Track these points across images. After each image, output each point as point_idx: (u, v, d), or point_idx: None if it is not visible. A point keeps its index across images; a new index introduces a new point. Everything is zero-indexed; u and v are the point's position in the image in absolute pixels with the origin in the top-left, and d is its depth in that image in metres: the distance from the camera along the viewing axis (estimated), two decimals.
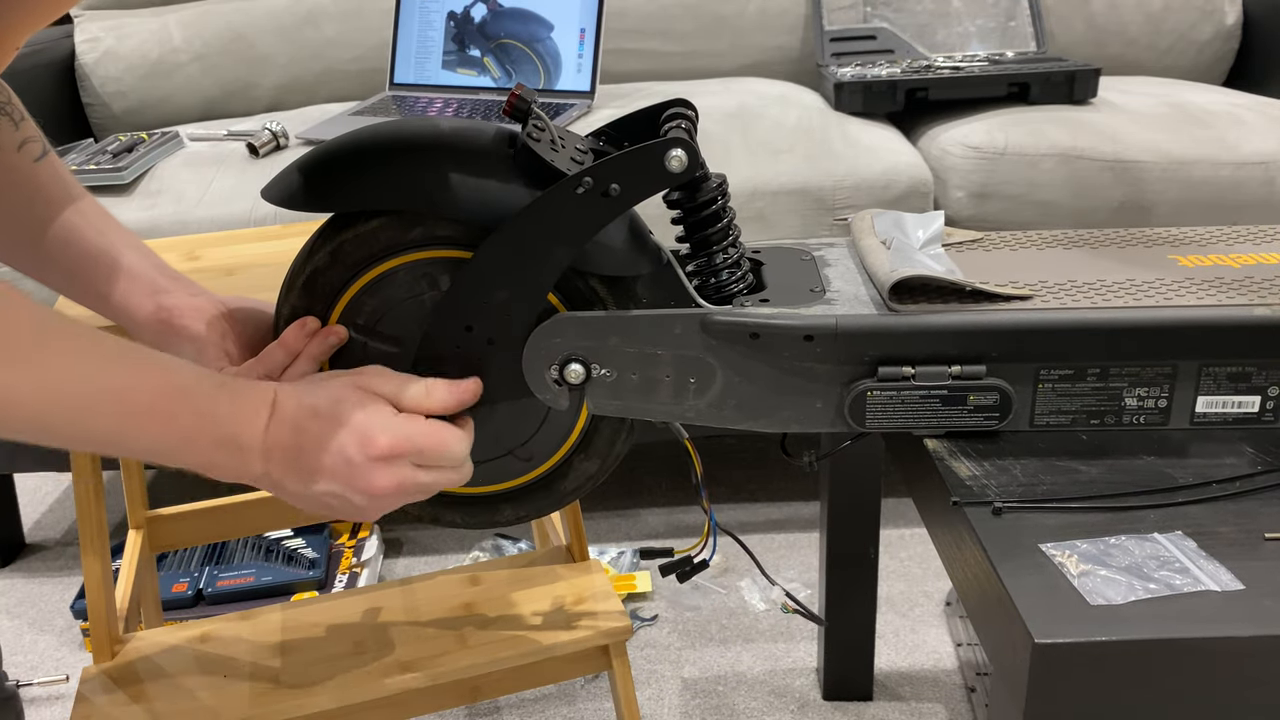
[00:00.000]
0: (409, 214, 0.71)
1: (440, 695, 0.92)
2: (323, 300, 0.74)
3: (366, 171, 0.70)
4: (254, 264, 1.04)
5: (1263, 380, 0.74)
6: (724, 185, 0.74)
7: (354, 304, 0.74)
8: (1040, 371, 0.74)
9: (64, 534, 1.72)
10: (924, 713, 1.26)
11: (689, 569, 0.84)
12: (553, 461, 0.80)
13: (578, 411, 0.78)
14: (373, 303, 0.74)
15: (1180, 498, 0.70)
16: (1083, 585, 0.62)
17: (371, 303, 0.74)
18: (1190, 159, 1.49)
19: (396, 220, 0.71)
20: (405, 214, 0.71)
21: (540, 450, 0.79)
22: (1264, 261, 0.81)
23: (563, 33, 1.76)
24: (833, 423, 0.75)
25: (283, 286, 0.75)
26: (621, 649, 0.95)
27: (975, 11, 1.87)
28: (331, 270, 0.73)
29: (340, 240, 0.72)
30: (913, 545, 1.57)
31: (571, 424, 0.78)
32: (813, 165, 1.48)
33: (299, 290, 0.74)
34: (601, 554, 1.56)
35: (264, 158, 1.55)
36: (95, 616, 0.91)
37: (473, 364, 0.73)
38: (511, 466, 0.79)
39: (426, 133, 0.71)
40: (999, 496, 0.71)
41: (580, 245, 0.69)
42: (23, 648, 1.44)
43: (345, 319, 0.75)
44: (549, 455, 0.79)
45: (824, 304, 0.75)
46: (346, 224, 0.72)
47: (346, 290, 0.74)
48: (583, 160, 0.73)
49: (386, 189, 0.70)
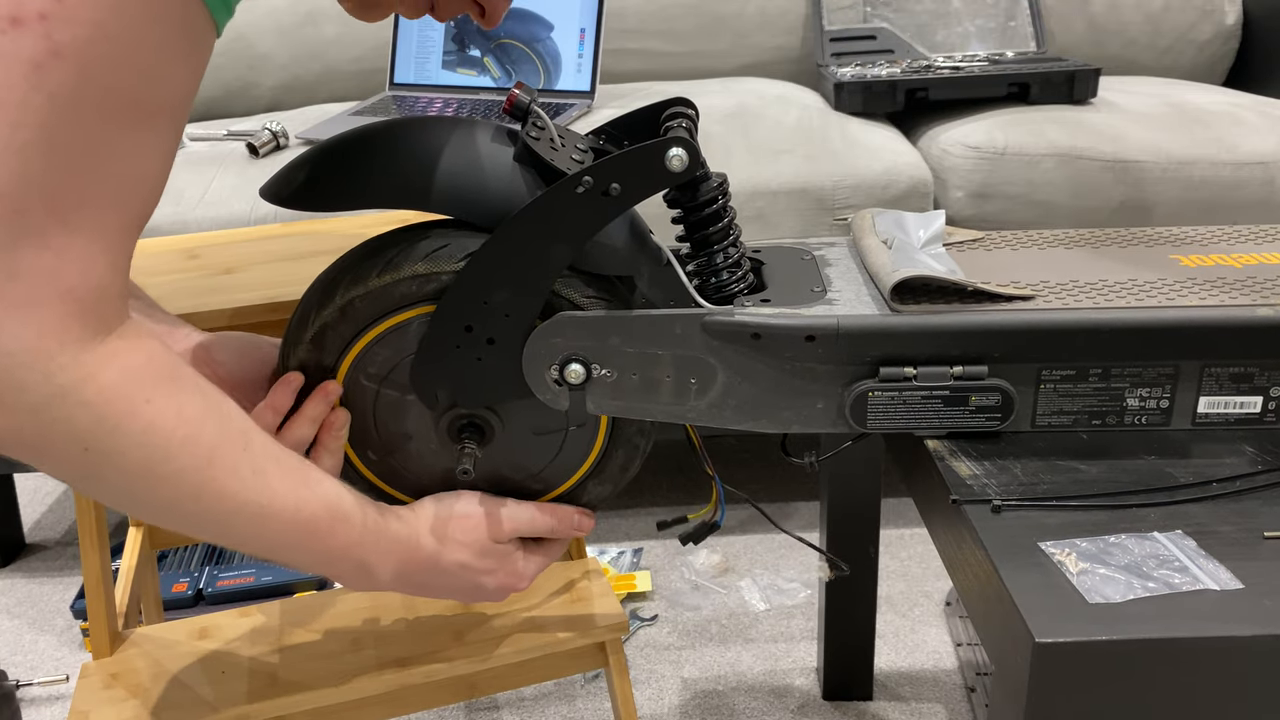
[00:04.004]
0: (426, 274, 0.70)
1: (437, 691, 0.92)
2: (334, 352, 0.73)
3: (365, 171, 0.70)
4: (254, 263, 1.04)
5: (1265, 381, 0.74)
6: (724, 184, 0.74)
7: (366, 353, 0.73)
8: (1042, 372, 0.74)
9: (64, 534, 1.72)
10: (924, 713, 1.26)
11: (704, 532, 0.84)
12: (566, 486, 0.80)
13: (594, 437, 0.78)
14: (385, 353, 0.73)
15: (1180, 496, 0.70)
16: (1081, 584, 0.62)
17: (384, 353, 0.73)
18: (1190, 159, 1.49)
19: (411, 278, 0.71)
20: (422, 275, 0.70)
21: (554, 476, 0.79)
22: (1266, 261, 0.81)
23: (563, 33, 1.76)
24: (834, 423, 0.75)
25: (292, 335, 0.74)
26: (618, 646, 0.96)
27: (975, 11, 1.87)
28: (341, 325, 0.72)
29: (351, 298, 0.71)
30: (913, 545, 1.57)
31: (587, 450, 0.78)
32: (813, 165, 1.48)
33: (307, 344, 0.73)
34: (601, 554, 1.56)
35: (264, 158, 1.55)
36: (94, 613, 0.91)
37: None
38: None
39: (424, 132, 0.71)
40: (999, 495, 0.71)
41: (581, 245, 0.69)
42: (23, 648, 1.44)
43: (357, 367, 0.74)
44: (563, 480, 0.79)
45: (825, 304, 0.75)
46: (356, 280, 0.71)
47: (358, 341, 0.73)
48: (583, 159, 0.73)
49: (384, 189, 0.69)
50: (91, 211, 0.51)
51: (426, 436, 0.76)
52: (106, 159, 0.51)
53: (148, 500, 0.58)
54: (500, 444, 0.77)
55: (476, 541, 0.74)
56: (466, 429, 0.75)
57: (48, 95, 0.48)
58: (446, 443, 0.76)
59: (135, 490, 0.57)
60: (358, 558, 0.68)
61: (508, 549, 0.76)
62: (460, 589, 0.75)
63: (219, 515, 0.60)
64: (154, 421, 0.55)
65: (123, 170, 0.52)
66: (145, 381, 0.55)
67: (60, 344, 0.51)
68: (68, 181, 0.50)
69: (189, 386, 0.58)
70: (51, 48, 0.48)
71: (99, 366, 0.52)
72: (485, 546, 0.75)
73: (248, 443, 0.61)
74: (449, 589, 0.75)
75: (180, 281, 1.00)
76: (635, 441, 0.79)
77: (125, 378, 0.54)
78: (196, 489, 0.58)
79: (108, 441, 0.54)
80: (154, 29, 0.51)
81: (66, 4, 0.48)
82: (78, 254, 0.51)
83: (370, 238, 0.74)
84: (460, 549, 0.74)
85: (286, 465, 0.64)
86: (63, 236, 0.50)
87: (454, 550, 0.73)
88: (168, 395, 0.56)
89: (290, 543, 0.64)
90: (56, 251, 0.50)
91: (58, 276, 0.50)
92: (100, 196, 0.51)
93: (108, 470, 0.55)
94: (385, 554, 0.70)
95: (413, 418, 0.75)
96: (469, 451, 0.74)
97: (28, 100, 0.48)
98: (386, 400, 0.75)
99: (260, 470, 0.61)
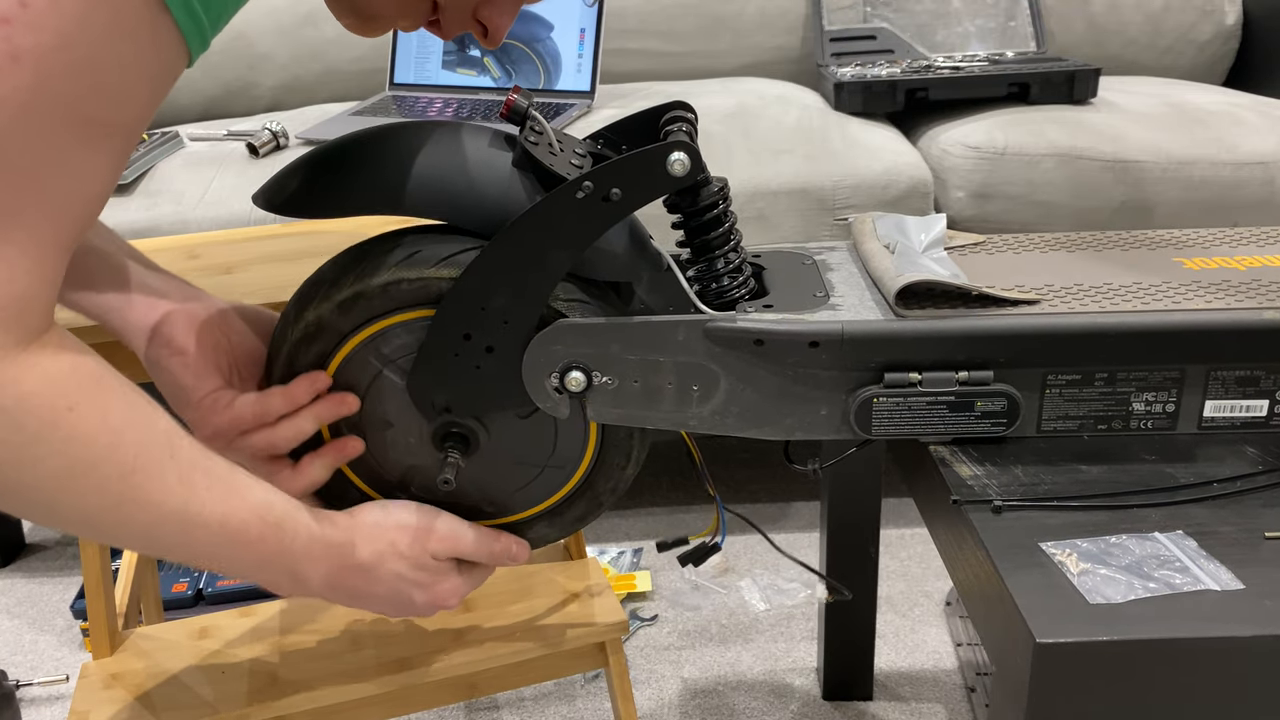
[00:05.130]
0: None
1: (437, 691, 0.92)
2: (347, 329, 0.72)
3: (361, 178, 0.69)
4: (254, 263, 1.04)
5: (1271, 384, 0.74)
6: (725, 189, 0.74)
7: (381, 334, 0.72)
8: (1048, 377, 0.74)
9: (64, 534, 1.72)
10: (924, 713, 1.26)
11: (705, 554, 0.83)
12: (519, 517, 0.79)
13: (565, 481, 0.78)
14: (404, 338, 0.72)
15: (1181, 497, 0.70)
16: (1082, 584, 0.62)
17: (404, 337, 0.72)
18: (1190, 159, 1.49)
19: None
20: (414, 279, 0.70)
21: (513, 504, 0.79)
22: (1269, 264, 0.81)
23: (563, 33, 1.75)
24: (838, 430, 0.75)
25: (309, 293, 0.72)
26: (618, 646, 0.96)
27: (975, 11, 1.87)
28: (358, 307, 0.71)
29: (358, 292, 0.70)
30: (913, 545, 1.57)
31: (554, 490, 0.78)
32: (813, 165, 1.48)
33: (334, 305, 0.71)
34: (601, 554, 1.56)
35: (264, 158, 1.55)
36: (94, 613, 0.91)
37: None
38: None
39: (421, 137, 0.70)
40: (1000, 496, 0.71)
41: (581, 250, 0.68)
42: (23, 648, 1.44)
43: (367, 347, 0.73)
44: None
45: (829, 309, 0.74)
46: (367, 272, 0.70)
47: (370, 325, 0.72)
48: (581, 164, 0.72)
49: (380, 196, 0.69)
50: (27, 221, 0.50)
51: (406, 431, 0.75)
52: (50, 171, 0.50)
53: (69, 511, 0.56)
54: (478, 460, 0.76)
55: (413, 555, 0.73)
56: (453, 438, 0.74)
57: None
58: (428, 445, 0.75)
59: (57, 501, 0.55)
60: (287, 565, 0.67)
61: (443, 566, 0.75)
62: (390, 600, 0.73)
63: (143, 524, 0.58)
64: (76, 429, 0.53)
65: (66, 184, 0.51)
66: (68, 389, 0.53)
67: None
68: (4, 189, 0.49)
69: (114, 394, 0.56)
70: (10, 51, 0.46)
71: (20, 374, 0.51)
72: (422, 561, 0.73)
73: (174, 450, 0.59)
74: (378, 599, 0.73)
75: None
76: (600, 497, 0.78)
77: (47, 385, 0.52)
78: (119, 498, 0.56)
79: (28, 450, 0.52)
80: (119, 46, 0.50)
81: (32, 9, 0.47)
82: (5, 263, 0.49)
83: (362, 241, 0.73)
84: (397, 559, 0.72)
85: (214, 473, 0.62)
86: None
87: (389, 561, 0.72)
88: (91, 402, 0.54)
89: (218, 551, 0.63)
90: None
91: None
92: (38, 208, 0.50)
93: (29, 479, 0.53)
94: (316, 560, 0.68)
95: (398, 410, 0.74)
96: (452, 461, 0.73)
97: None
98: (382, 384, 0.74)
99: (186, 479, 0.59)
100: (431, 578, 0.74)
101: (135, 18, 0.50)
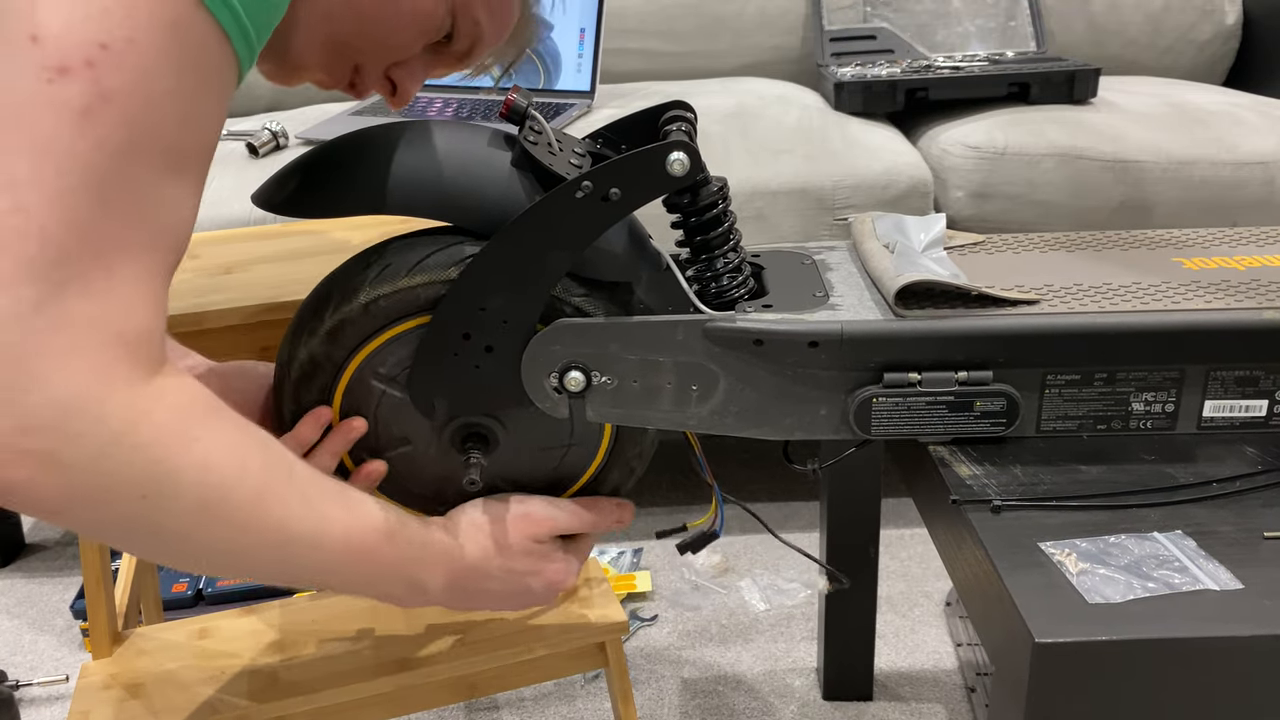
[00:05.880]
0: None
1: (437, 691, 0.92)
2: (346, 350, 0.72)
3: (360, 177, 0.69)
4: (254, 263, 1.04)
5: (1270, 384, 0.74)
6: (725, 189, 0.74)
7: (379, 352, 0.72)
8: (1047, 377, 0.74)
9: (64, 534, 1.72)
10: (924, 713, 1.26)
11: (703, 541, 0.83)
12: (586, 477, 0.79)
13: (600, 429, 0.77)
14: (399, 352, 0.72)
15: (1180, 497, 0.70)
16: (1081, 584, 0.62)
17: (399, 352, 0.72)
18: (1190, 159, 1.49)
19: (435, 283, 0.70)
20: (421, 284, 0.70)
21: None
22: (1269, 264, 0.81)
23: (562, 32, 1.76)
24: (837, 430, 0.75)
25: (298, 331, 0.72)
26: (617, 646, 0.96)
27: (975, 11, 1.87)
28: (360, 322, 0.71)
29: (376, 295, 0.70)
30: (913, 545, 1.57)
31: (598, 440, 0.78)
32: (813, 165, 1.48)
33: (322, 337, 0.71)
34: (601, 554, 1.56)
35: (263, 157, 1.55)
36: (94, 613, 0.91)
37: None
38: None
39: (420, 137, 0.70)
40: (999, 495, 0.71)
41: (580, 250, 0.68)
42: (23, 648, 1.44)
43: (367, 367, 0.73)
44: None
45: (828, 309, 0.74)
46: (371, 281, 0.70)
47: (371, 341, 0.72)
48: (580, 164, 0.72)
49: (379, 196, 0.68)
50: (133, 255, 0.51)
51: (425, 444, 0.75)
52: (147, 203, 0.51)
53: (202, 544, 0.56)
54: (503, 454, 0.76)
55: (518, 543, 0.73)
56: (471, 438, 0.75)
57: (95, 141, 0.48)
58: (449, 452, 0.75)
59: (192, 534, 0.55)
60: (409, 575, 0.67)
61: (548, 548, 0.75)
62: (508, 594, 0.74)
63: (272, 547, 0.59)
64: (207, 459, 0.54)
65: (163, 214, 0.52)
66: (194, 419, 0.54)
67: (110, 389, 0.50)
68: (111, 227, 0.50)
69: (231, 420, 0.57)
70: (100, 93, 0.48)
71: (150, 407, 0.51)
72: (527, 547, 0.74)
73: (292, 471, 0.60)
74: (497, 595, 0.73)
75: (180, 281, 0.99)
76: (631, 464, 0.78)
77: (175, 416, 0.53)
78: (248, 523, 0.56)
79: (166, 484, 0.52)
80: (191, 75, 0.52)
81: (113, 51, 0.48)
82: (121, 298, 0.50)
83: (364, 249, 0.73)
84: (503, 553, 0.72)
85: (330, 490, 0.62)
86: (105, 281, 0.50)
87: (498, 554, 0.72)
88: (215, 431, 0.55)
89: (342, 567, 0.63)
90: (101, 296, 0.49)
91: (104, 322, 0.50)
92: (141, 240, 0.51)
93: (164, 517, 0.53)
94: (434, 566, 0.69)
95: (411, 424, 0.75)
96: (475, 461, 0.73)
97: (74, 147, 0.48)
98: (388, 402, 0.74)
99: (307, 498, 0.60)
100: (539, 563, 0.74)
101: (201, 45, 0.52)
